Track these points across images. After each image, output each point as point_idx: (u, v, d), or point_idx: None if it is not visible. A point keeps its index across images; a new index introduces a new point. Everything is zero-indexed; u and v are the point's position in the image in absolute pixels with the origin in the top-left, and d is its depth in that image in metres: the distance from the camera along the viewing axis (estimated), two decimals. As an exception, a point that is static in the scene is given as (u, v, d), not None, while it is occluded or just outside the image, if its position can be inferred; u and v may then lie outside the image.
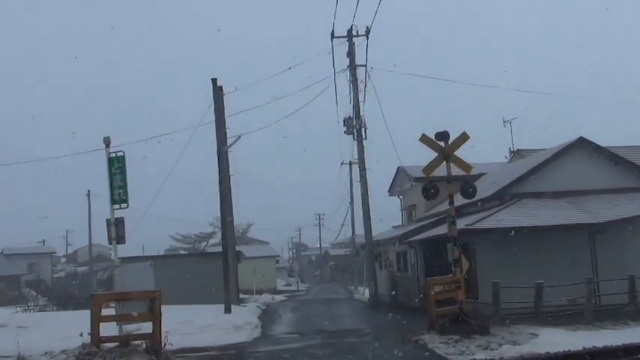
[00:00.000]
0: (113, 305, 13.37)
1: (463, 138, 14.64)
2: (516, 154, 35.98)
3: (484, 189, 28.17)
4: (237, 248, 54.66)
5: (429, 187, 14.12)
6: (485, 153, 36.49)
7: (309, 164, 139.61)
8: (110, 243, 13.42)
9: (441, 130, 14.38)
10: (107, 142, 12.89)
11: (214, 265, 30.01)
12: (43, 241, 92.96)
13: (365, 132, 29.16)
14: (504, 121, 37.25)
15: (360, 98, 29.32)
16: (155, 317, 10.91)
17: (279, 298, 45.39)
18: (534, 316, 14.90)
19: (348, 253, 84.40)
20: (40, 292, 57.60)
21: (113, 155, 12.89)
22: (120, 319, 11.03)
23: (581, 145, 24.68)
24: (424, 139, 14.40)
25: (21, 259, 74.31)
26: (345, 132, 29.63)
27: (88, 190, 69.15)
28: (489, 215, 22.96)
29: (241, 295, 44.52)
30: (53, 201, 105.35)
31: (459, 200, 29.85)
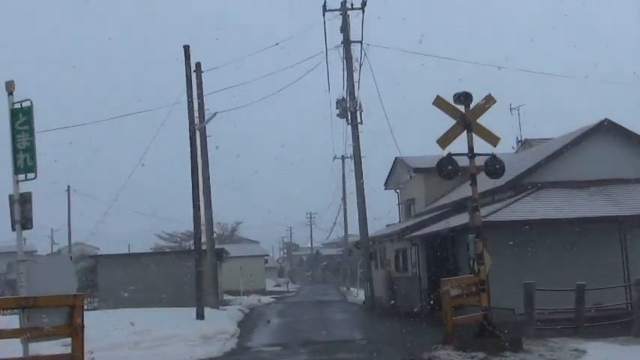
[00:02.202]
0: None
1: (488, 101, 11.61)
2: (525, 144, 32.90)
3: (492, 180, 25.24)
4: (225, 247, 52.26)
5: (447, 162, 11.10)
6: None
7: (300, 159, 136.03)
8: (13, 228, 10.19)
9: (461, 92, 11.31)
10: (10, 88, 9.47)
11: (192, 264, 27.32)
12: (24, 239, 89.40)
13: (361, 115, 26.09)
14: (511, 108, 34.17)
15: (355, 78, 26.28)
16: (75, 332, 7.82)
17: (266, 299, 42.32)
18: (575, 326, 11.82)
19: (340, 252, 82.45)
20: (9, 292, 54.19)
21: (17, 106, 9.46)
22: (24, 334, 7.88)
23: (606, 128, 21.76)
24: (439, 102, 11.36)
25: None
26: (338, 115, 26.57)
27: (68, 186, 66.11)
28: (504, 207, 19.96)
29: (226, 297, 41.61)
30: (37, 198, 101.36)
31: (466, 191, 27.00)
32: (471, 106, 11.54)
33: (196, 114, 24.60)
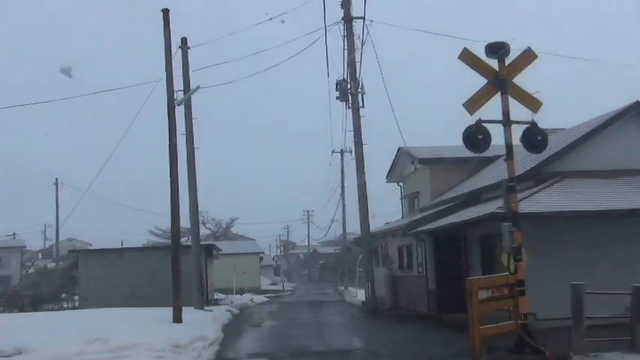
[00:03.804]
0: None
1: (528, 57, 9.22)
2: (538, 134, 30.44)
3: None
4: (217, 243, 49.94)
5: (477, 130, 8.70)
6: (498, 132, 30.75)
7: (298, 153, 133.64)
8: None
9: (495, 42, 8.89)
10: None
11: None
12: (14, 234, 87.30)
13: (362, 98, 23.65)
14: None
15: (357, 58, 23.83)
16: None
17: (259, 298, 39.93)
18: (631, 337, 9.43)
19: (337, 251, 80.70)
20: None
21: None
22: None
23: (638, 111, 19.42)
24: (466, 55, 8.99)
25: (-12, 254, 69.64)
26: (337, 98, 24.12)
27: (56, 179, 63.87)
28: (525, 198, 17.53)
29: (217, 295, 39.31)
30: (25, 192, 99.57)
31: (478, 182, 24.60)
32: (507, 62, 9.13)
33: (182, 94, 22.25)
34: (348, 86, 23.48)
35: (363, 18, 23.33)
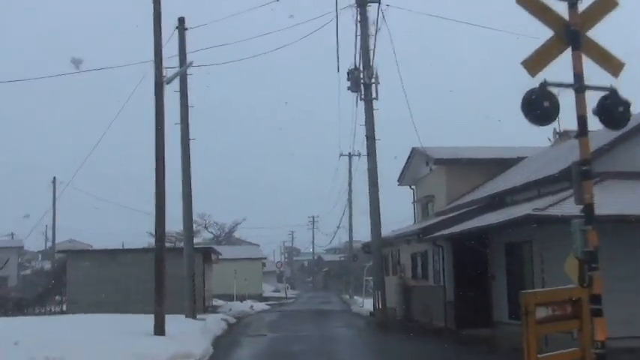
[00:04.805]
0: None
1: (607, 4, 7.05)
2: (563, 135, 28.06)
3: (533, 172, 20.67)
4: (217, 248, 47.89)
5: (541, 96, 6.53)
6: (514, 135, 28.45)
7: (304, 157, 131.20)
8: None
9: None
10: None
11: (172, 264, 23.02)
12: (12, 234, 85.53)
13: (376, 89, 21.50)
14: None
15: (371, 46, 21.71)
16: None
17: (260, 306, 37.74)
18: None
19: (342, 258, 78.94)
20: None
21: None
22: None
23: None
24: (527, -2, 6.79)
25: (-16, 254, 67.71)
26: (348, 89, 21.94)
27: (54, 177, 61.89)
28: (560, 201, 15.31)
29: (216, 302, 37.17)
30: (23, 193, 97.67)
31: (500, 184, 22.40)
32: (579, 9, 6.96)
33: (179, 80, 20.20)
34: (361, 75, 21.31)
35: (379, 1, 21.22)
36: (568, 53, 6.97)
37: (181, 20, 20.61)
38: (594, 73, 7.37)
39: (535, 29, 7.35)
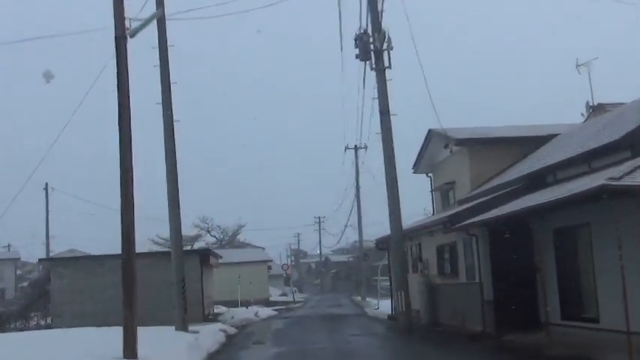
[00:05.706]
0: None
1: None
2: (597, 109, 24.88)
3: (575, 147, 17.55)
4: (219, 251, 44.96)
5: None
6: (545, 111, 25.37)
7: (308, 154, 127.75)
8: None
9: None
10: None
11: (167, 269, 20.19)
12: (9, 245, 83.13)
13: (389, 56, 18.41)
14: (577, 65, 26.12)
15: (379, 8, 18.65)
16: None
17: (265, 312, 34.62)
18: None
19: (351, 259, 76.06)
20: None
21: None
22: None
23: None
24: None
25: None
26: (357, 57, 18.83)
27: (46, 184, 58.97)
28: (633, 170, 12.17)
29: (217, 309, 34.15)
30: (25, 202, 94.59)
31: (536, 163, 19.33)
32: None
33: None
34: (371, 40, 18.21)
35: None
36: None
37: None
38: None
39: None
